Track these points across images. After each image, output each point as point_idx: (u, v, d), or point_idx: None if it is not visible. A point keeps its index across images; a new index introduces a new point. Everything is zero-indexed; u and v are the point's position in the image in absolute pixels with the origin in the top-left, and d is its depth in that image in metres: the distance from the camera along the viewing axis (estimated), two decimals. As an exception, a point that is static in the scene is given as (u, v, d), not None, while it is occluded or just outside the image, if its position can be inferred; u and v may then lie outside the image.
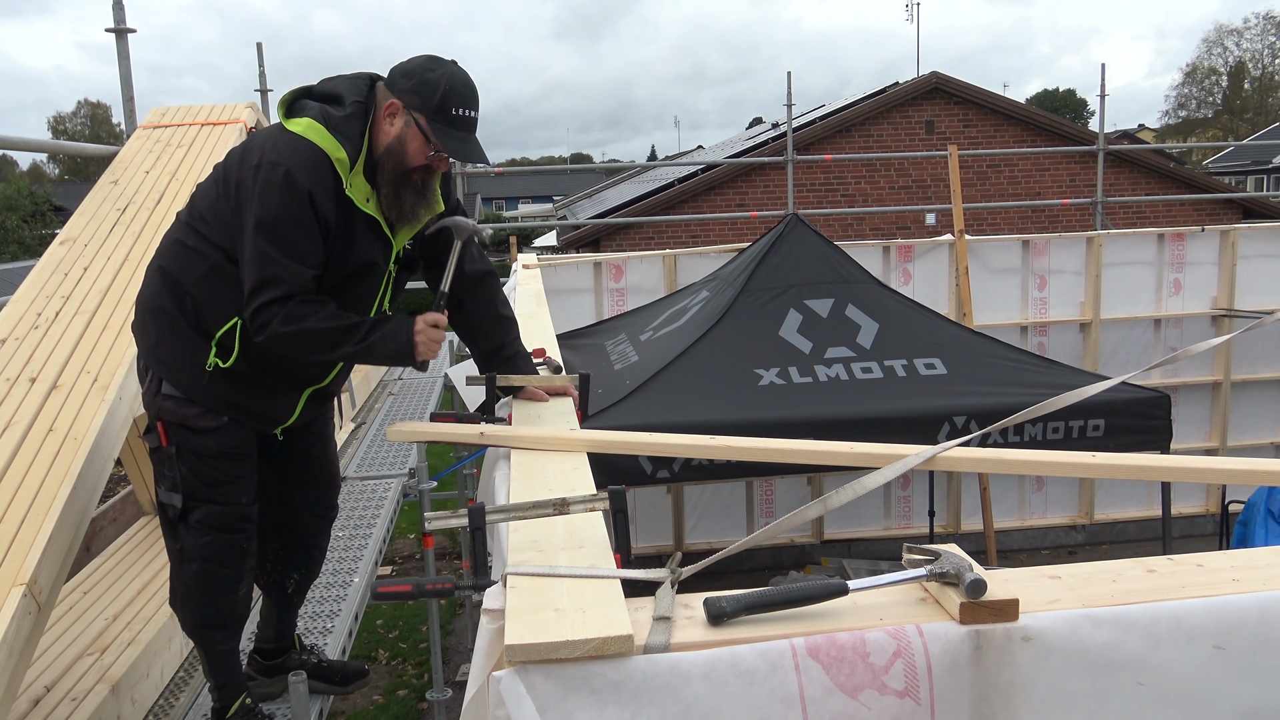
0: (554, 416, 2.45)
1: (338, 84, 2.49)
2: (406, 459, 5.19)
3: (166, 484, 2.57)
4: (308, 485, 2.88)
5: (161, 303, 2.51)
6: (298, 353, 2.43)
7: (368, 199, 2.46)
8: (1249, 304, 8.41)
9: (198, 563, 2.56)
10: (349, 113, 2.42)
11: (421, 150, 2.43)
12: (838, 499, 1.53)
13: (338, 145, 2.37)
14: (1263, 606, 1.27)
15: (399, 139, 2.42)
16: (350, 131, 2.40)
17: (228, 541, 2.58)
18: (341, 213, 2.40)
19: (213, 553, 2.56)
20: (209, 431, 2.51)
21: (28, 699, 2.72)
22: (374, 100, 2.46)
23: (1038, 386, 5.00)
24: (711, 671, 1.16)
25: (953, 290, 8.12)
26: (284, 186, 2.32)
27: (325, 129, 2.37)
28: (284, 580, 2.90)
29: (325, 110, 2.41)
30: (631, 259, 8.11)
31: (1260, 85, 49.31)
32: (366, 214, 2.46)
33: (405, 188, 2.47)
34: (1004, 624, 1.22)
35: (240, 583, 2.63)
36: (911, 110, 13.58)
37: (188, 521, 2.57)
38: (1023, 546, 8.54)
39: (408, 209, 2.50)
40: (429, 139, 2.41)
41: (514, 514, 1.66)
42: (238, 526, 2.60)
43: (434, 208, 2.61)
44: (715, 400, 4.85)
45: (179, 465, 2.53)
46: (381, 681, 6.87)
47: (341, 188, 2.39)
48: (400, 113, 2.42)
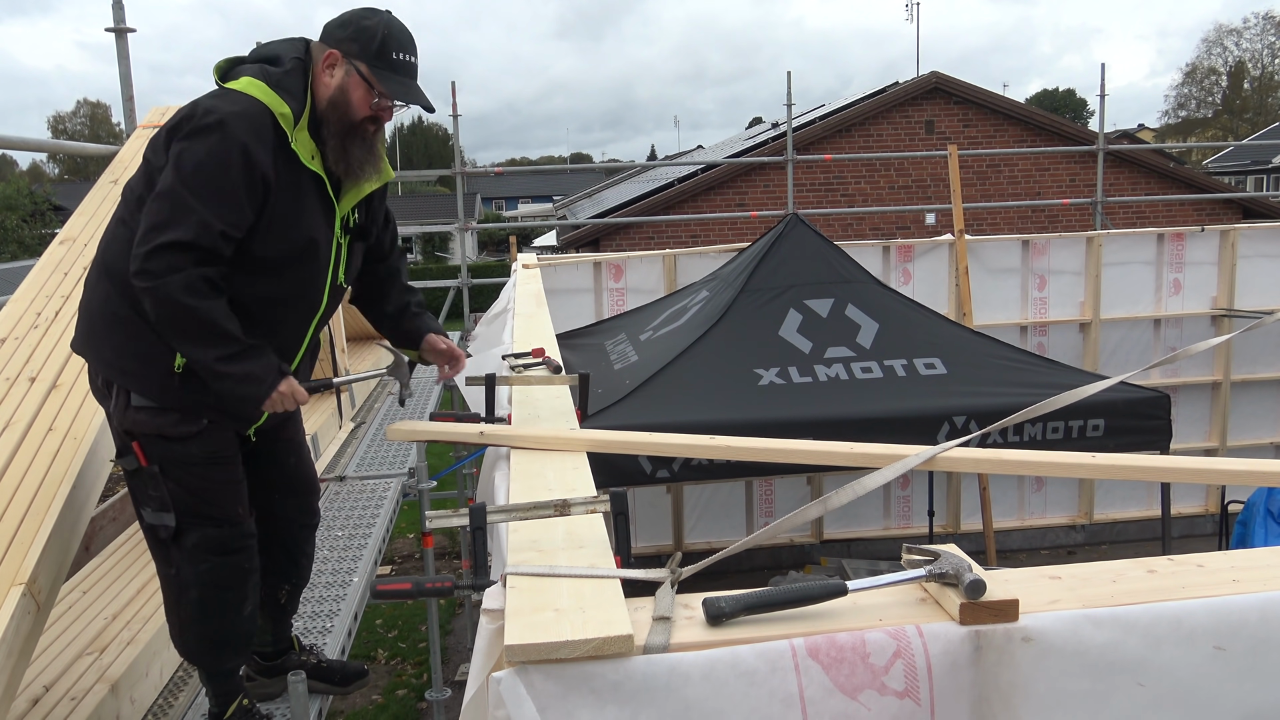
0: (554, 416, 2.45)
1: (273, 47, 2.43)
2: (406, 459, 5.19)
3: (153, 505, 2.43)
4: (288, 493, 2.76)
5: (114, 308, 2.35)
6: (169, 326, 2.23)
7: (313, 156, 2.37)
8: (1249, 304, 8.41)
9: (196, 590, 2.44)
10: (288, 69, 2.35)
11: (365, 98, 2.36)
12: (838, 499, 1.53)
13: (280, 100, 2.28)
14: (1263, 607, 1.27)
15: (341, 89, 2.36)
16: (292, 87, 2.33)
17: (229, 564, 2.46)
18: (285, 171, 2.30)
19: (213, 579, 2.44)
20: (191, 438, 2.38)
21: (27, 698, 2.71)
22: (311, 57, 2.40)
23: (1037, 386, 5.00)
24: (711, 672, 1.16)
25: (952, 290, 8.12)
26: (216, 134, 2.20)
27: (266, 85, 2.29)
28: (275, 592, 2.81)
29: (264, 69, 2.34)
30: (631, 259, 8.11)
31: (1260, 85, 49.32)
32: (312, 172, 2.37)
33: (352, 141, 2.39)
34: (1004, 624, 1.22)
35: (246, 602, 2.52)
36: (911, 110, 13.58)
37: (182, 546, 2.43)
38: (1022, 546, 8.54)
39: (355, 164, 2.42)
40: (372, 85, 2.35)
41: (515, 514, 1.66)
42: (238, 546, 2.48)
43: (381, 170, 2.52)
44: (715, 400, 4.85)
45: (164, 482, 2.39)
46: (381, 681, 6.87)
47: (286, 143, 2.30)
48: (340, 62, 2.36)
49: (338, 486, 4.80)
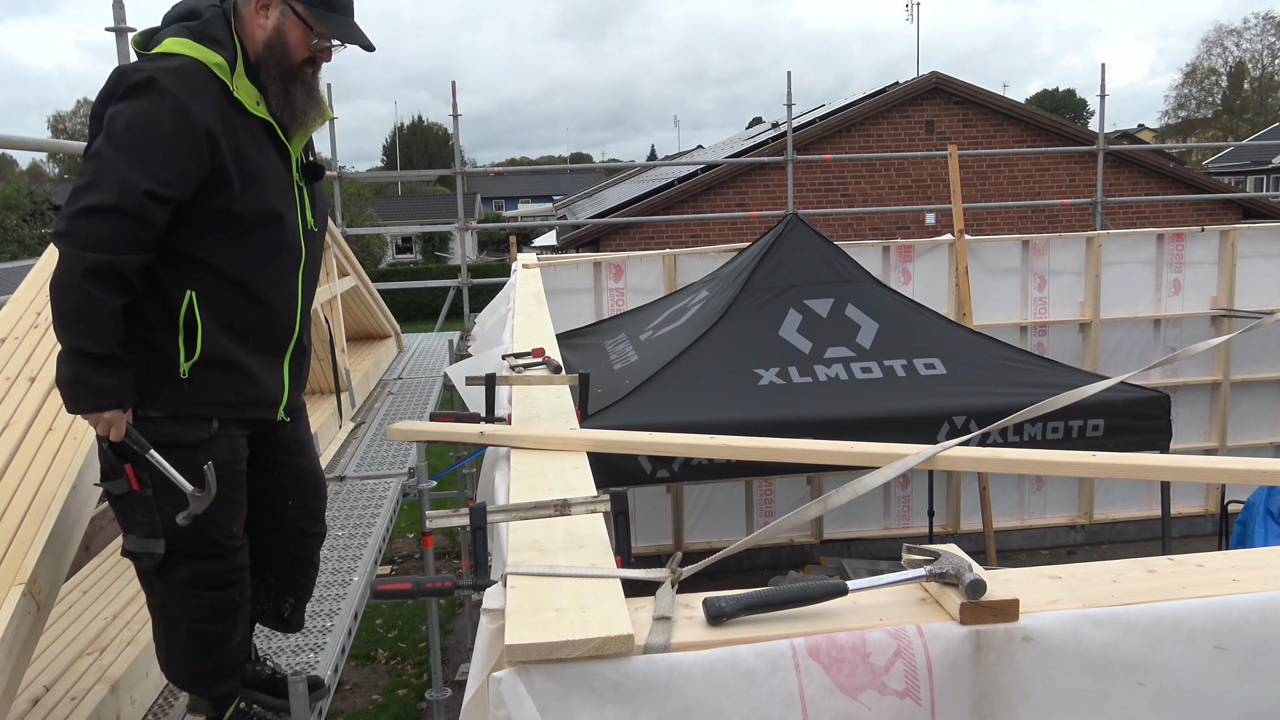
0: (554, 416, 2.45)
1: (185, 4, 2.32)
2: (406, 458, 5.19)
3: (141, 530, 2.30)
4: (297, 499, 2.64)
5: None
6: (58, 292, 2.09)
7: (257, 102, 2.29)
8: (1248, 304, 8.41)
9: (185, 624, 2.35)
10: (208, 18, 2.26)
11: (304, 39, 2.29)
12: (838, 499, 1.53)
13: (209, 51, 2.20)
14: (1263, 607, 1.27)
15: (278, 31, 2.28)
16: (218, 35, 2.24)
17: (219, 600, 2.36)
18: (236, 121, 2.23)
19: (205, 614, 2.35)
20: (202, 445, 2.29)
21: (27, 698, 2.71)
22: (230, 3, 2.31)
23: (1037, 386, 5.00)
24: (711, 671, 1.16)
25: (952, 290, 8.12)
26: (146, 92, 2.10)
27: (189, 39, 2.20)
28: (279, 606, 2.70)
29: (183, 26, 2.25)
30: (631, 259, 8.11)
31: (1260, 85, 49.32)
32: (259, 119, 2.29)
33: (294, 84, 2.32)
34: (1004, 624, 1.22)
35: (236, 631, 2.43)
36: (911, 110, 13.58)
37: (170, 580, 2.31)
38: (1022, 546, 8.54)
39: (299, 109, 2.35)
40: (310, 26, 2.28)
41: (515, 514, 1.66)
42: (230, 580, 2.37)
43: (323, 111, 2.45)
44: (715, 400, 4.85)
45: (157, 505, 2.27)
46: (381, 681, 6.87)
47: (228, 93, 2.22)
48: (274, 3, 2.28)
49: (338, 486, 4.80)
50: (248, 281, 2.31)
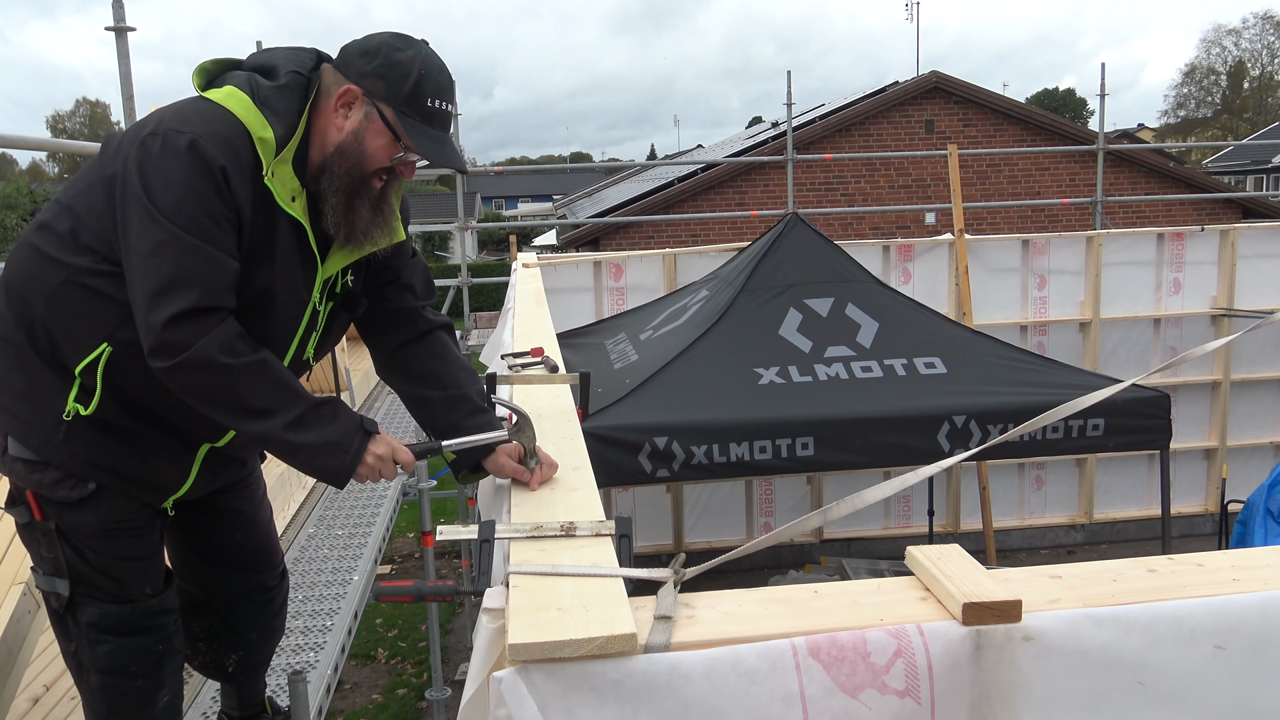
0: (554, 415, 2.45)
1: (273, 54, 1.96)
2: (406, 458, 5.18)
3: (46, 566, 2.02)
4: (229, 568, 2.30)
5: (5, 330, 1.92)
6: (215, 400, 1.81)
7: (293, 198, 1.90)
8: (1248, 304, 8.41)
9: (98, 676, 2.03)
10: (283, 83, 1.89)
11: (386, 149, 1.90)
12: (837, 511, 1.53)
13: (263, 121, 1.83)
14: (1263, 606, 1.27)
15: (355, 134, 1.88)
16: (281, 107, 1.86)
17: (135, 646, 2.03)
18: (259, 207, 1.86)
19: (116, 663, 2.02)
20: (77, 505, 1.94)
21: (27, 698, 2.72)
22: (319, 79, 1.93)
23: (1037, 386, 5.00)
24: (712, 671, 1.16)
25: (952, 290, 8.12)
26: (189, 158, 1.76)
27: (250, 100, 1.84)
28: (221, 661, 2.39)
29: (253, 79, 1.88)
30: (631, 258, 8.11)
31: (1259, 85, 49.32)
32: (290, 217, 1.90)
33: (361, 198, 1.92)
34: (1005, 624, 1.22)
35: (162, 690, 2.10)
36: (911, 109, 13.58)
37: (78, 621, 2.01)
38: (1022, 546, 8.54)
39: (361, 226, 1.94)
40: (398, 136, 1.88)
41: (521, 533, 1.64)
42: (146, 626, 2.04)
43: (392, 231, 2.02)
44: (715, 399, 4.85)
45: (61, 544, 1.97)
46: (381, 680, 6.88)
47: (260, 174, 1.84)
48: (360, 101, 1.88)
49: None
50: None
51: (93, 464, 1.94)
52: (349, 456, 1.84)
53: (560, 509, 1.74)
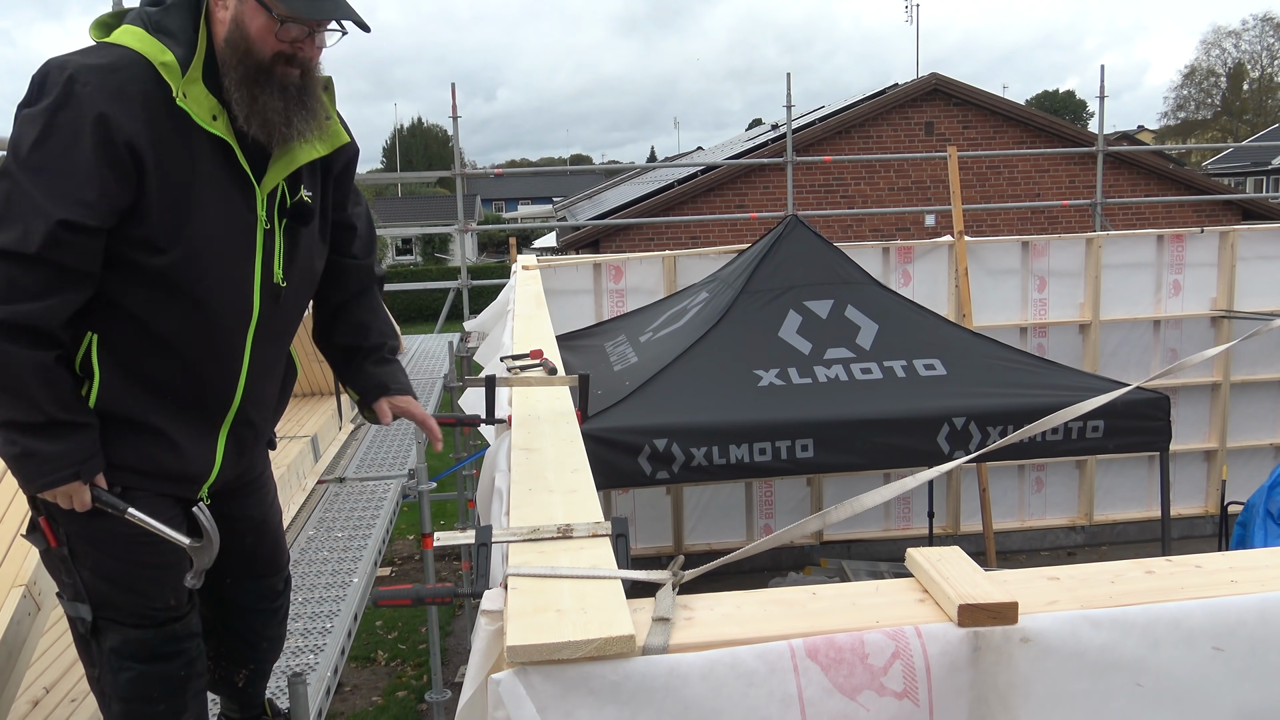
0: (553, 417, 2.45)
1: None
2: (406, 460, 5.19)
3: (69, 593, 2.01)
4: (243, 577, 2.30)
5: None
6: None
7: (214, 116, 1.85)
8: (1248, 305, 8.41)
9: (119, 703, 2.01)
10: (170, 3, 1.85)
11: (267, 26, 1.82)
12: (836, 514, 1.53)
13: (160, 47, 1.78)
14: (1261, 608, 1.27)
15: (236, 22, 1.83)
16: (174, 27, 1.82)
17: (157, 674, 2.00)
18: (173, 138, 1.81)
19: (138, 690, 1.99)
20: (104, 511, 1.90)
21: (27, 699, 2.72)
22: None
23: (1037, 388, 5.00)
24: (710, 673, 1.16)
25: (952, 291, 8.12)
26: (64, 96, 1.71)
27: (144, 30, 1.80)
28: (232, 676, 2.39)
29: (143, 12, 1.85)
30: (631, 260, 8.11)
31: (1259, 87, 49.33)
32: (215, 137, 1.86)
33: (262, 87, 1.85)
34: (1002, 626, 1.22)
35: (185, 713, 2.08)
36: (911, 111, 13.59)
37: (101, 646, 2.00)
38: (1022, 548, 8.54)
39: (275, 116, 1.86)
40: (269, 8, 1.81)
41: (519, 537, 1.64)
42: (170, 651, 2.01)
43: (323, 127, 1.98)
44: (715, 401, 4.85)
45: (77, 569, 1.96)
46: (381, 683, 6.88)
47: (172, 101, 1.79)
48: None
49: (337, 488, 4.80)
50: (166, 335, 1.91)
51: (120, 467, 1.92)
52: (41, 479, 1.82)
53: (558, 511, 1.74)
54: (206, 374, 1.98)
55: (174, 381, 1.95)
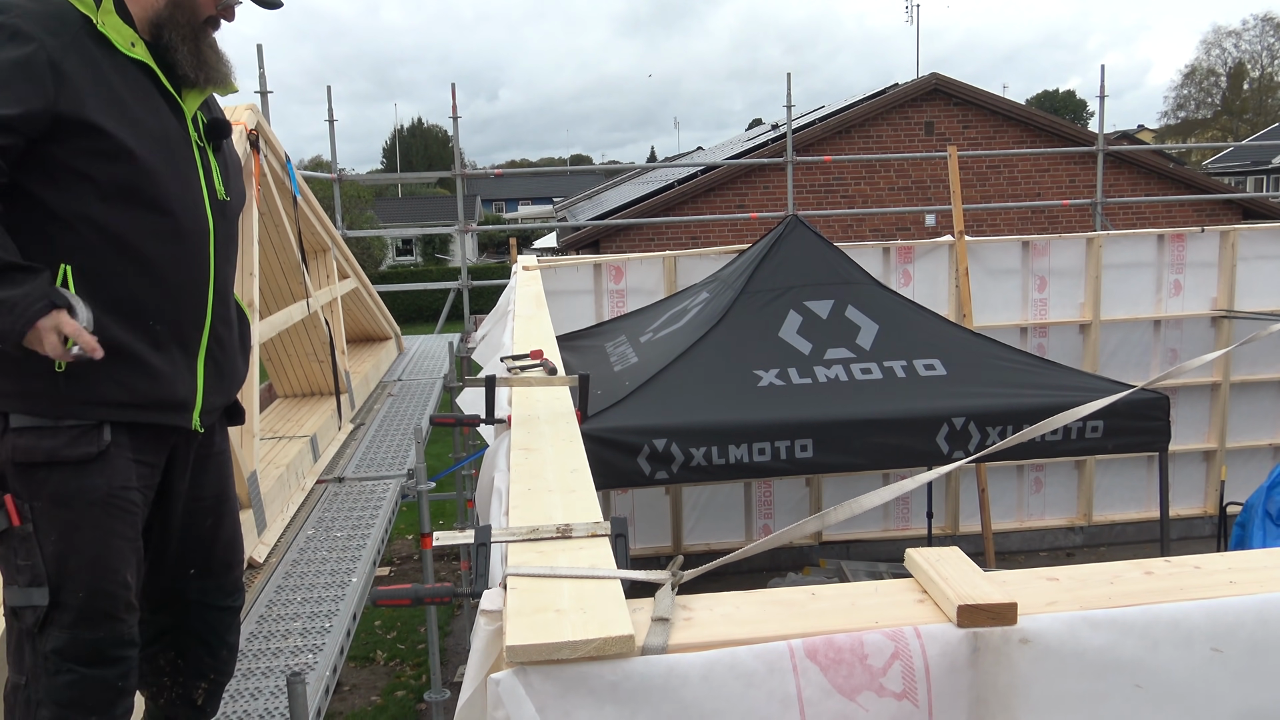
0: (553, 417, 2.45)
1: None
2: (405, 460, 5.19)
3: (23, 578, 1.92)
4: (203, 569, 2.28)
5: None
6: None
7: (132, 44, 2.04)
8: (1249, 305, 8.41)
9: (51, 708, 1.92)
10: None
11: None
12: (835, 515, 1.53)
13: None
14: (1260, 608, 1.27)
15: None
16: None
17: (97, 680, 1.94)
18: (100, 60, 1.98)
19: (74, 696, 1.91)
20: (91, 462, 1.92)
21: None
22: None
23: (1037, 388, 5.00)
24: (709, 673, 1.16)
25: (952, 291, 8.12)
26: None
27: None
28: (190, 693, 2.32)
29: None
30: (631, 260, 8.11)
31: (1259, 86, 49.32)
32: (137, 62, 2.05)
33: (203, 42, 2.12)
34: (1001, 626, 1.22)
35: None
36: (911, 111, 13.58)
37: (41, 649, 1.92)
38: (1021, 548, 8.54)
39: (217, 66, 2.14)
40: None
41: (518, 537, 1.64)
42: (114, 656, 1.96)
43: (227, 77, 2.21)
44: (715, 401, 4.85)
45: (40, 544, 1.91)
46: (380, 683, 6.88)
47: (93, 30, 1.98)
48: None
49: (336, 488, 4.80)
50: (138, 247, 2.00)
51: (99, 401, 1.95)
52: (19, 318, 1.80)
53: (558, 511, 1.74)
54: (179, 290, 2.08)
55: (149, 303, 2.03)
